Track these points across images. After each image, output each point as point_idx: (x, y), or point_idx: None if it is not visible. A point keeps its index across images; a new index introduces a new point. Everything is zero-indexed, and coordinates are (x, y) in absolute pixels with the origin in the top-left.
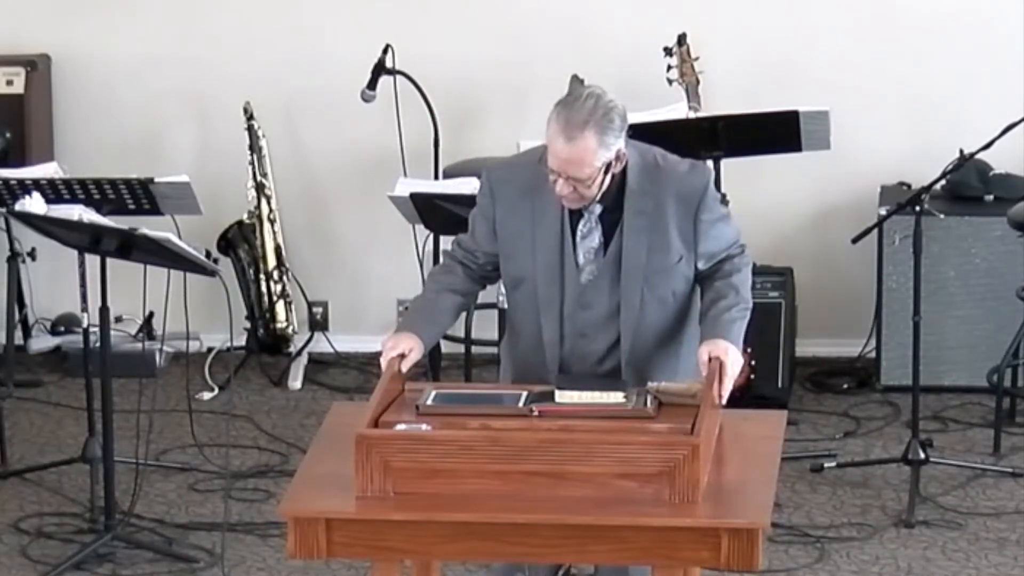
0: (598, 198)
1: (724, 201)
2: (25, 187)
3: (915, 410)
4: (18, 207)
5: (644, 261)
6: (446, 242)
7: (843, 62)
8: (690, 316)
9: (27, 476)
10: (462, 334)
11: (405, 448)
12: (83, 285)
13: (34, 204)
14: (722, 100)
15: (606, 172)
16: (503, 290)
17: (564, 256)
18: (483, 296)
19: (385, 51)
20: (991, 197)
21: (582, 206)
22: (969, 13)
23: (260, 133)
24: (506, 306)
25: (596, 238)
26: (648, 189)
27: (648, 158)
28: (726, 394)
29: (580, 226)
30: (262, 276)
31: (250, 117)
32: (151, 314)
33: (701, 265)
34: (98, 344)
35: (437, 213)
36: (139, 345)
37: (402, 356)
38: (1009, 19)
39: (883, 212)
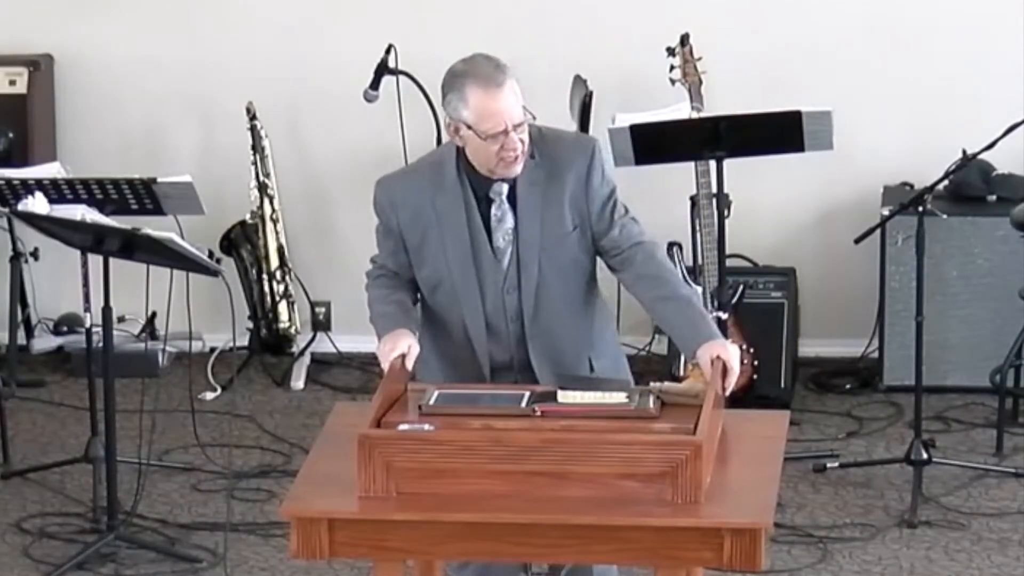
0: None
1: (727, 201)
2: (28, 187)
3: (918, 410)
4: (21, 207)
5: (539, 231)
6: None
7: (846, 62)
8: (596, 283)
9: (30, 476)
10: None
11: (408, 448)
12: (86, 285)
13: (37, 204)
14: (725, 100)
15: None
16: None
17: (477, 246)
18: None
19: (388, 51)
20: (994, 197)
21: (519, 169)
22: (971, 13)
23: (263, 133)
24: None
25: (510, 219)
26: (538, 160)
27: (532, 132)
28: (731, 386)
29: (493, 210)
30: (265, 276)
31: (253, 117)
32: (154, 314)
33: (604, 241)
34: (101, 344)
35: None
36: (142, 345)
37: (402, 356)
38: (1011, 19)
39: (886, 212)
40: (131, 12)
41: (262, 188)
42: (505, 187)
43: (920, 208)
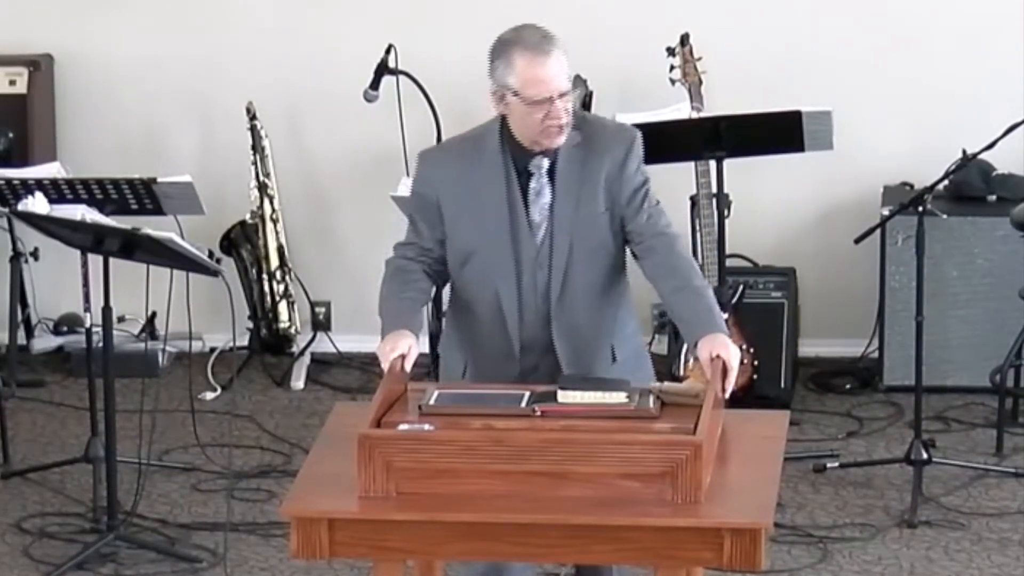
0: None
1: (727, 201)
2: (28, 187)
3: (918, 410)
4: (21, 207)
5: (573, 209)
6: None
7: (846, 62)
8: (624, 272)
9: (30, 476)
10: None
11: (408, 448)
12: (86, 285)
13: (37, 204)
14: (725, 100)
15: None
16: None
17: (515, 219)
18: None
19: (388, 51)
20: (994, 197)
21: (562, 139)
22: (971, 13)
23: (263, 133)
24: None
25: (547, 194)
26: (579, 140)
27: (576, 113)
28: (730, 387)
29: (532, 184)
30: (265, 276)
31: (253, 117)
32: (154, 314)
33: (631, 227)
34: (101, 344)
35: None
36: (142, 345)
37: (402, 357)
38: (1011, 19)
39: (886, 212)
40: (131, 12)
41: (262, 188)
42: (546, 162)
43: (920, 208)
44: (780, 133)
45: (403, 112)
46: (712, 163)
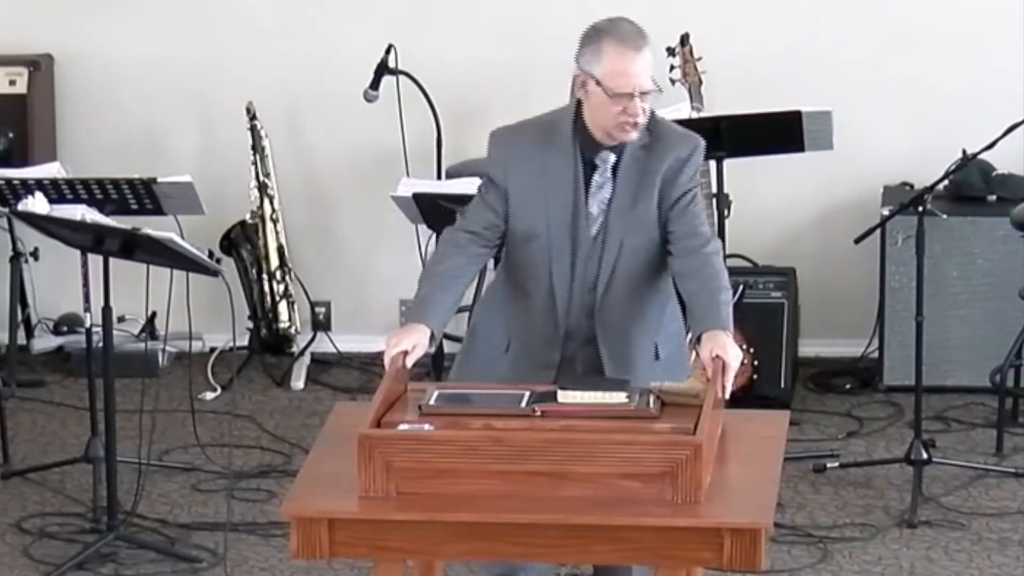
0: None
1: (727, 201)
2: (28, 187)
3: (918, 410)
4: (21, 207)
5: (630, 206)
6: None
7: (846, 62)
8: (667, 271)
9: (30, 476)
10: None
11: (408, 448)
12: (86, 285)
13: (37, 204)
14: (725, 100)
15: None
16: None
17: (577, 209)
18: None
19: (388, 51)
20: (994, 197)
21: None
22: (971, 13)
23: (263, 133)
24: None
25: (608, 189)
26: (647, 141)
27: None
28: (729, 386)
29: (595, 176)
30: (265, 276)
31: (253, 117)
32: (154, 314)
33: (670, 226)
34: (101, 344)
35: (440, 213)
36: (142, 345)
37: (406, 352)
38: (1011, 19)
39: (886, 212)
40: (131, 12)
41: (262, 188)
42: (612, 157)
43: (920, 208)
44: (780, 133)
45: (403, 112)
46: (712, 163)
